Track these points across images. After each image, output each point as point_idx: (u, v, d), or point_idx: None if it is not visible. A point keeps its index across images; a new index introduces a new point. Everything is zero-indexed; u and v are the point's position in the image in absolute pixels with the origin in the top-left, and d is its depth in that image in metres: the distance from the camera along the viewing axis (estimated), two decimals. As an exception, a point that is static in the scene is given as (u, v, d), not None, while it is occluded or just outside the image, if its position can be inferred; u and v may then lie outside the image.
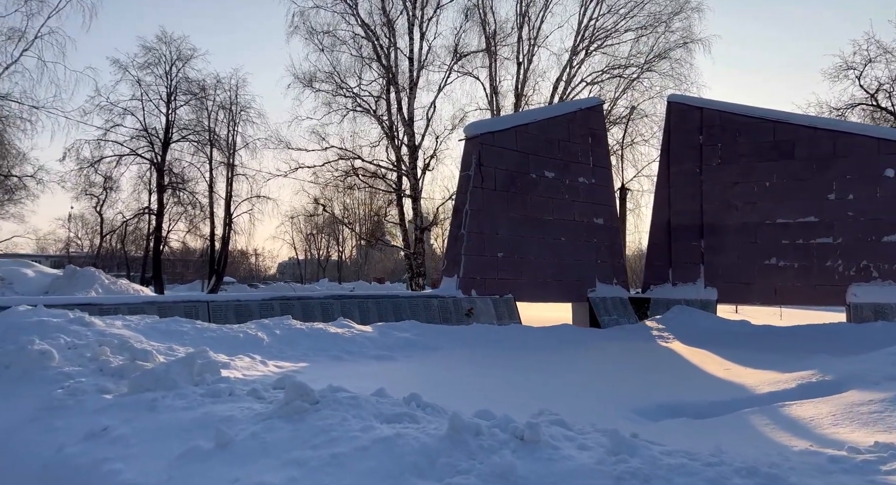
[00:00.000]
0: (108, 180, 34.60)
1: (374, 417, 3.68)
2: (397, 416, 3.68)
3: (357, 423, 3.53)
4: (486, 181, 14.05)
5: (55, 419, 4.09)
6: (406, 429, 3.30)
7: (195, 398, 4.29)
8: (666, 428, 4.00)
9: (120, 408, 4.22)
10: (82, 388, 4.49)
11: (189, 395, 4.38)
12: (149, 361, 5.11)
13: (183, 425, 3.86)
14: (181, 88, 34.11)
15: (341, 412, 3.71)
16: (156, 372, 4.57)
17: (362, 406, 3.80)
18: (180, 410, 4.09)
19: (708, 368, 7.28)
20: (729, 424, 4.08)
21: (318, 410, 3.78)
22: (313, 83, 21.19)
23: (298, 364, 6.97)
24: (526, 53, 22.14)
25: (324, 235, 70.13)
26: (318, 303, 11.45)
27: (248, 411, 3.98)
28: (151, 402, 4.22)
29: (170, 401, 4.25)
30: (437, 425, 3.35)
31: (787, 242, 14.02)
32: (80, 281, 13.56)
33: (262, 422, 3.72)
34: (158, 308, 9.40)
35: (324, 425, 3.53)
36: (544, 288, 14.70)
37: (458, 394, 5.23)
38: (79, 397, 4.34)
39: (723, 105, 15.23)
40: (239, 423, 3.77)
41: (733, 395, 5.15)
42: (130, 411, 4.14)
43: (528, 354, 8.68)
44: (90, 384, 4.57)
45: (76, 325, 5.93)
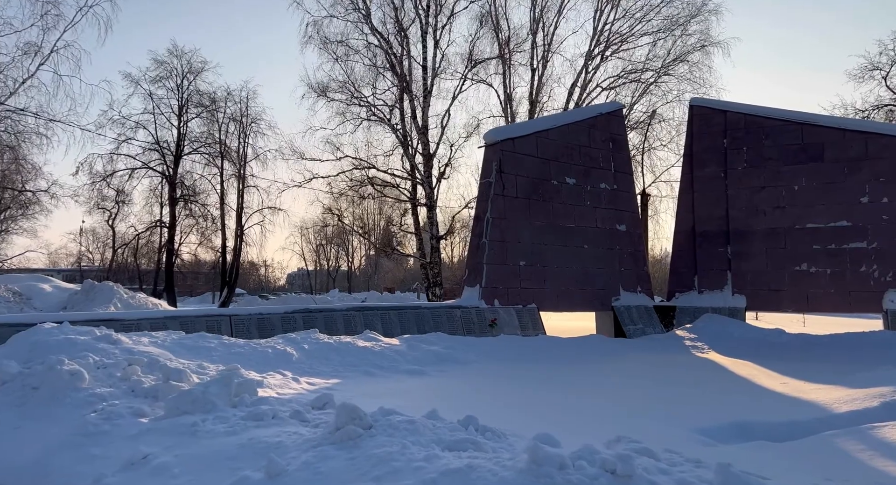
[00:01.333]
0: (120, 194, 34.69)
1: (434, 443, 3.39)
2: (458, 442, 3.40)
3: (418, 451, 3.25)
4: (506, 188, 13.80)
5: (91, 446, 3.84)
6: (476, 459, 3.02)
7: (237, 422, 4.03)
8: (746, 453, 3.67)
9: (158, 433, 3.97)
10: (117, 411, 4.25)
11: (230, 418, 4.12)
12: (183, 382, 4.86)
13: (228, 452, 3.60)
14: (192, 101, 34.23)
15: (398, 438, 3.43)
16: (193, 393, 4.32)
17: (420, 431, 3.52)
18: (223, 435, 3.83)
19: (762, 382, 6.93)
20: (817, 449, 3.72)
21: (372, 435, 3.50)
22: (327, 93, 21.09)
23: (330, 381, 6.71)
24: (540, 59, 21.97)
25: (333, 245, 70.19)
26: (341, 315, 11.21)
27: (296, 436, 3.71)
28: (192, 426, 3.96)
29: (210, 425, 3.99)
30: (510, 454, 3.06)
31: (818, 248, 13.65)
32: (98, 296, 13.38)
33: (312, 449, 3.45)
34: (181, 323, 9.20)
35: (382, 453, 3.25)
36: (568, 297, 14.39)
37: (506, 414, 4.93)
38: (114, 422, 4.09)
39: (747, 108, 14.92)
40: (288, 450, 3.50)
41: (809, 414, 4.78)
42: (170, 437, 3.88)
43: (562, 367, 8.36)
44: (124, 407, 4.33)
45: (103, 343, 5.70)
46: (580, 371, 8.00)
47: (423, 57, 21.52)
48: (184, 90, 34.00)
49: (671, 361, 8.93)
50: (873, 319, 19.83)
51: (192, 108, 34.32)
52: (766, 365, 8.23)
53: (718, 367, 8.38)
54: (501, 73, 22.04)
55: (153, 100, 33.08)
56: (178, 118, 34.00)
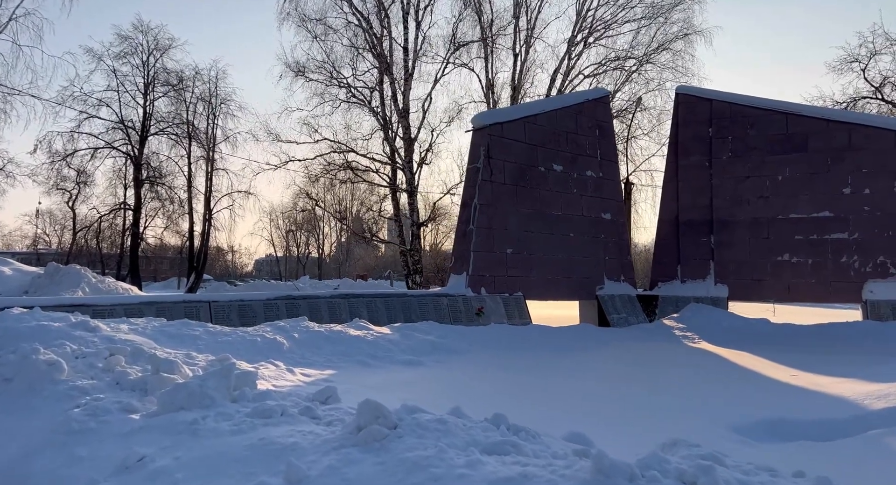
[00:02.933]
0: (82, 174, 33.26)
1: (471, 446, 3.07)
2: (497, 445, 3.08)
3: (456, 455, 2.93)
4: (494, 174, 13.50)
5: (77, 446, 3.42)
6: (527, 467, 2.71)
7: (242, 419, 3.65)
8: (796, 455, 3.45)
9: (153, 431, 3.56)
10: (103, 406, 3.82)
11: (233, 415, 3.73)
12: (175, 373, 4.43)
13: (236, 454, 3.22)
14: (159, 79, 32.93)
15: (430, 440, 3.11)
16: (189, 387, 3.91)
17: (453, 432, 3.19)
18: (228, 434, 3.45)
19: (771, 373, 6.82)
20: (870, 450, 3.51)
21: (399, 436, 3.17)
22: (305, 72, 20.38)
23: (325, 372, 6.35)
24: (523, 44, 21.65)
25: (303, 231, 69.00)
26: (326, 302, 10.81)
27: (312, 436, 3.35)
28: (191, 424, 3.56)
29: (212, 423, 3.60)
30: (564, 461, 2.76)
31: (800, 238, 13.75)
32: (64, 280, 12.60)
33: (334, 452, 3.10)
34: (157, 309, 8.68)
35: (415, 457, 2.92)
36: (553, 286, 14.23)
37: (522, 409, 4.65)
38: (101, 418, 3.67)
39: (733, 97, 14.90)
40: (306, 452, 3.14)
41: (843, 412, 4.57)
42: (167, 436, 3.48)
43: (560, 357, 8.16)
44: (111, 402, 3.90)
45: (80, 330, 5.21)
46: (579, 361, 7.81)
47: (403, 38, 20.98)
48: (150, 67, 32.67)
49: (668, 351, 8.82)
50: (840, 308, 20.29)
51: (159, 86, 33.04)
52: (765, 356, 8.17)
53: (718, 357, 8.29)
54: (483, 58, 21.67)
55: (117, 77, 31.73)
56: (143, 97, 32.69)
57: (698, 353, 8.84)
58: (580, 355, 8.21)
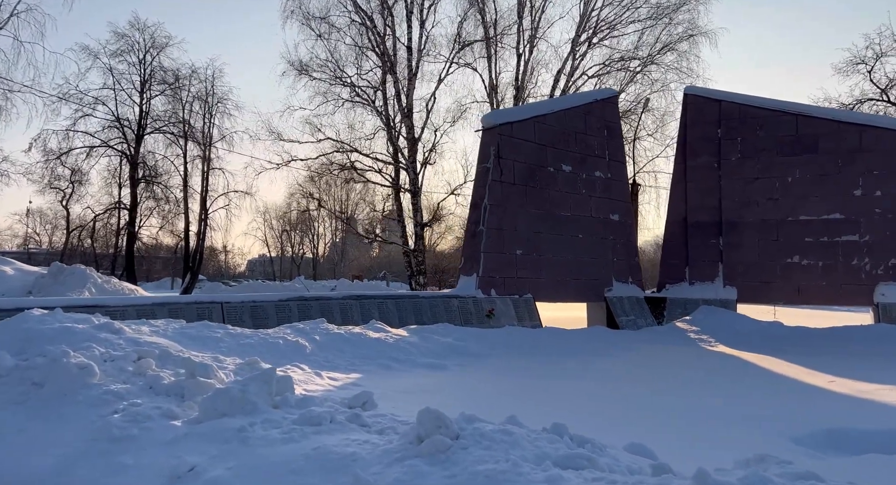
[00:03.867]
0: (76, 173, 32.86)
1: (544, 459, 2.92)
2: (570, 458, 2.92)
3: (533, 470, 2.77)
4: (504, 174, 13.37)
5: (121, 454, 3.24)
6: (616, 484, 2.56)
7: (291, 427, 3.48)
8: (872, 470, 3.30)
9: (199, 439, 3.39)
10: (143, 412, 3.64)
11: (280, 422, 3.57)
12: (210, 377, 4.26)
13: (292, 464, 3.06)
14: (155, 78, 32.57)
15: (499, 452, 2.95)
16: (231, 392, 3.74)
17: (520, 443, 3.03)
18: (280, 443, 3.28)
19: (807, 379, 6.69)
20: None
21: (464, 447, 3.01)
22: (309, 71, 20.16)
23: (351, 375, 6.19)
24: (526, 44, 21.53)
25: (298, 231, 68.59)
26: (338, 304, 10.65)
27: (369, 445, 3.19)
28: (239, 432, 3.39)
29: (261, 430, 3.44)
30: (659, 480, 2.62)
31: (810, 240, 13.71)
32: (68, 280, 12.32)
33: (398, 464, 2.94)
34: (170, 310, 8.49)
35: (487, 471, 2.76)
36: (562, 287, 14.11)
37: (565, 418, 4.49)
38: (143, 425, 3.49)
39: (742, 98, 14.85)
40: (368, 464, 2.98)
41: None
42: (214, 444, 3.31)
43: (583, 361, 8.03)
44: (150, 407, 3.72)
45: (105, 332, 5.02)
46: (604, 366, 7.68)
47: (407, 37, 20.82)
48: (146, 65, 32.32)
49: (690, 355, 8.71)
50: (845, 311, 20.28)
51: (156, 84, 32.69)
52: (790, 359, 8.07)
53: (744, 362, 8.15)
54: (487, 58, 21.52)
55: (113, 75, 31.36)
56: (139, 95, 32.33)
57: (721, 357, 8.72)
58: (603, 360, 8.08)
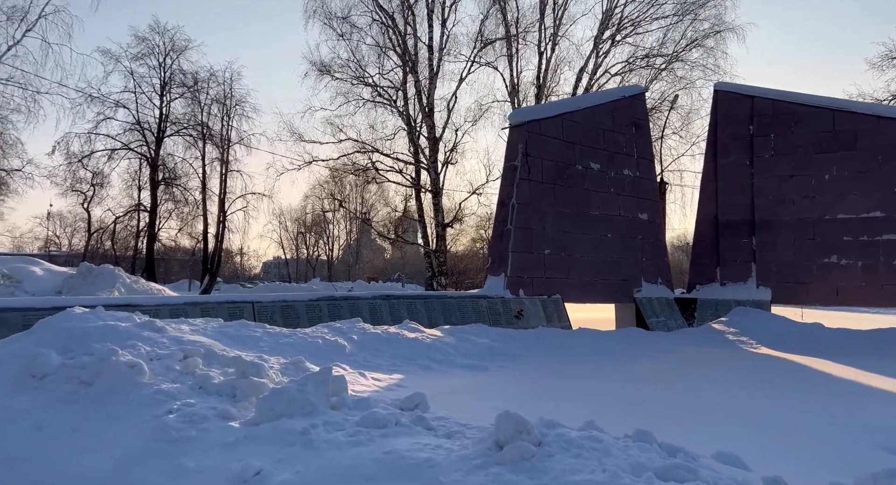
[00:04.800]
0: (97, 176, 33.08)
1: (643, 470, 2.69)
2: (670, 470, 2.69)
3: (635, 482, 2.55)
4: (532, 172, 13.14)
5: (181, 456, 3.06)
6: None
7: (355, 429, 3.28)
8: None
9: (259, 441, 3.20)
10: (197, 412, 3.47)
11: (343, 423, 3.37)
12: (262, 377, 4.08)
13: (363, 469, 2.86)
14: (175, 81, 32.76)
15: (591, 461, 2.72)
16: (288, 392, 3.56)
17: (610, 452, 2.81)
18: (347, 446, 3.09)
19: (873, 383, 6.38)
20: None
21: (549, 455, 2.79)
22: (331, 71, 20.07)
23: (393, 376, 5.99)
24: (548, 42, 21.28)
25: (313, 233, 68.74)
26: (367, 303, 10.49)
27: (444, 451, 2.98)
28: (302, 434, 3.20)
29: (324, 433, 3.24)
30: None
31: (849, 239, 13.32)
32: (98, 280, 12.27)
33: (479, 471, 2.73)
34: (202, 309, 8.38)
35: (583, 482, 2.53)
36: (591, 288, 13.83)
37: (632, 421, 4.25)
38: (200, 426, 3.31)
39: (776, 93, 14.49)
40: (446, 470, 2.77)
41: None
42: (277, 447, 3.12)
43: (627, 363, 7.77)
44: (205, 408, 3.55)
45: (148, 330, 4.87)
46: (651, 368, 7.41)
47: (428, 36, 20.65)
48: (166, 69, 32.52)
49: (736, 357, 8.40)
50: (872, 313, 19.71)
51: (175, 87, 32.88)
52: (846, 363, 7.74)
53: (797, 365, 7.79)
54: (508, 56, 21.31)
55: (134, 78, 31.57)
56: (160, 98, 32.52)
57: (769, 360, 8.40)
58: (647, 362, 7.81)
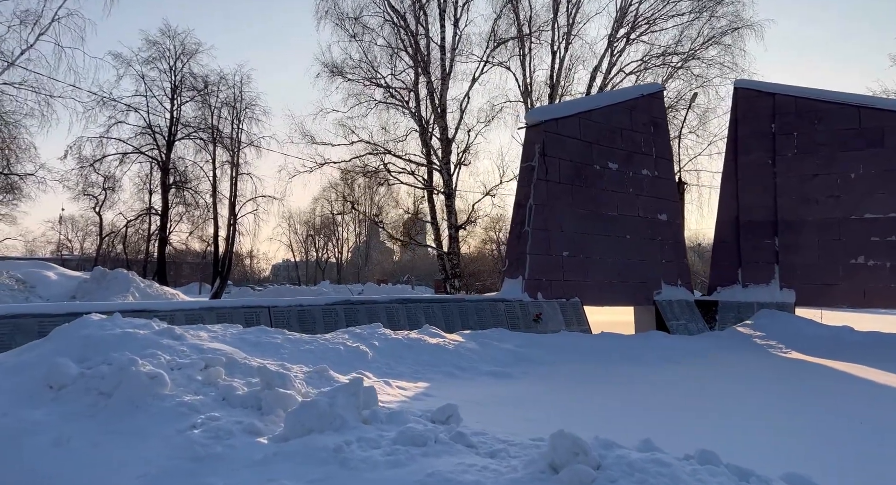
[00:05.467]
0: (109, 180, 33.14)
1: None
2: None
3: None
4: (549, 173, 12.89)
5: (209, 475, 2.86)
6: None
7: (392, 447, 3.06)
8: None
9: (291, 459, 2.99)
10: (223, 427, 3.26)
11: (378, 440, 3.15)
12: (288, 388, 3.88)
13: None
14: (185, 84, 32.80)
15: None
16: (318, 406, 3.34)
17: (680, 478, 2.57)
18: (385, 466, 2.87)
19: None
20: None
21: (612, 480, 2.55)
22: (343, 72, 19.91)
23: (419, 384, 5.78)
24: (561, 41, 21.03)
25: (322, 235, 68.76)
26: (384, 308, 10.29)
27: (492, 473, 2.75)
28: (335, 452, 2.99)
29: (360, 451, 3.03)
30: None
31: (876, 239, 12.97)
32: (112, 285, 12.14)
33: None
34: (218, 315, 8.21)
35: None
36: (610, 290, 13.55)
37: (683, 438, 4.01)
38: (226, 442, 3.11)
39: (798, 90, 14.17)
40: (498, 496, 2.55)
41: None
42: (311, 466, 2.91)
43: (656, 369, 7.51)
44: (231, 422, 3.34)
45: (167, 338, 4.68)
46: (686, 376, 7.14)
47: (440, 37, 20.46)
48: (177, 72, 32.56)
49: (771, 364, 8.10)
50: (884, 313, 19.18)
51: (186, 91, 32.91)
52: (887, 368, 7.43)
53: (842, 373, 7.42)
54: (521, 56, 21.08)
55: (145, 82, 31.62)
56: (170, 101, 32.56)
57: (811, 366, 8.01)
58: (678, 368, 7.55)
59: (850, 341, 10.06)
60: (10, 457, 3.02)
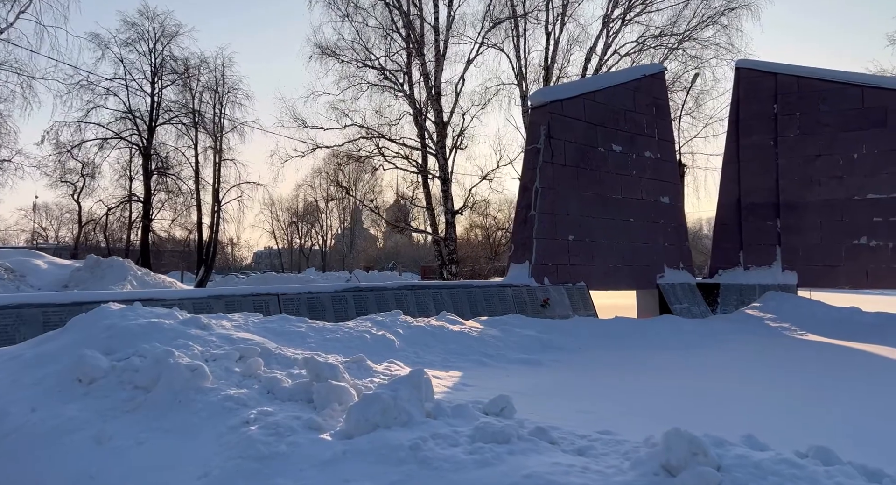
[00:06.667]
0: (87, 166, 32.16)
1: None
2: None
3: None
4: (555, 155, 12.65)
5: (276, 477, 2.59)
6: None
7: (474, 444, 2.80)
8: None
9: (363, 458, 2.72)
10: (282, 423, 2.98)
11: (455, 437, 2.90)
12: (339, 380, 3.60)
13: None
14: (166, 68, 31.83)
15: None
16: (382, 400, 3.07)
17: (818, 481, 2.34)
18: (474, 466, 2.61)
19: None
20: None
21: (740, 484, 2.33)
22: (336, 53, 19.36)
23: (451, 373, 5.53)
24: (555, 22, 20.70)
25: (305, 222, 67.95)
26: (393, 294, 10.03)
27: (594, 474, 2.50)
28: (412, 451, 2.72)
29: (438, 448, 2.77)
30: None
31: (879, 220, 12.98)
32: (108, 273, 11.63)
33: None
34: (226, 303, 7.88)
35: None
36: (614, 274, 13.43)
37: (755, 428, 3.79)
38: (288, 439, 2.83)
39: (800, 70, 14.06)
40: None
41: None
42: (387, 466, 2.65)
43: (683, 354, 7.36)
44: (288, 417, 3.06)
45: (193, 327, 4.35)
46: (713, 359, 7.00)
47: (434, 17, 20.01)
48: (157, 55, 31.56)
49: (797, 347, 7.98)
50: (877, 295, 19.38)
51: (166, 74, 31.95)
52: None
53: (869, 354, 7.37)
54: (514, 37, 20.70)
55: (124, 65, 30.60)
56: (151, 85, 31.58)
57: (838, 349, 7.90)
58: (705, 353, 7.39)
59: (862, 322, 10.05)
60: (50, 456, 2.71)
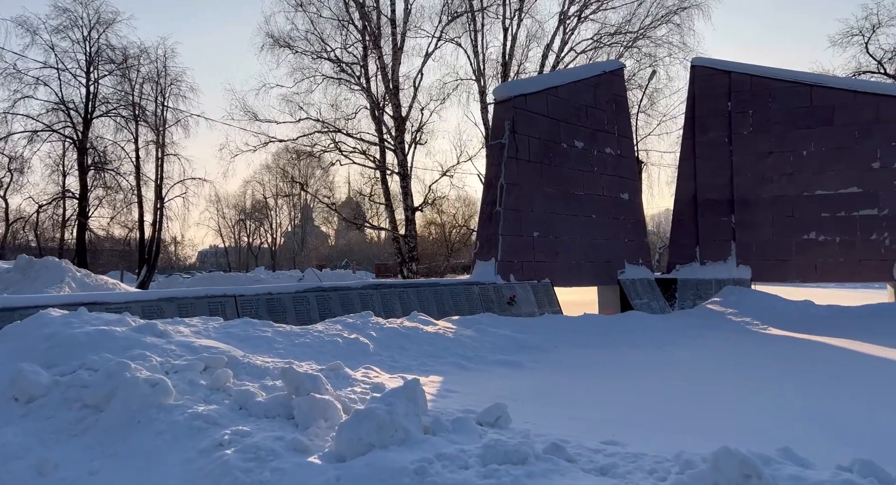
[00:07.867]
0: (14, 161, 30.09)
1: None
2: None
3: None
4: (520, 151, 12.49)
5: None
6: None
7: (482, 466, 2.50)
8: None
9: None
10: (261, 444, 2.60)
11: (463, 457, 2.58)
12: (321, 392, 3.22)
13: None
14: (102, 57, 30.09)
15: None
16: (376, 415, 2.73)
17: None
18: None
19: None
20: None
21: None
22: (290, 44, 18.63)
23: (431, 378, 5.21)
24: (513, 17, 20.60)
25: (253, 220, 66.00)
26: (357, 294, 9.62)
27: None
28: (419, 475, 2.40)
29: (447, 472, 2.45)
30: None
31: (827, 215, 13.41)
32: (42, 275, 10.66)
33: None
34: (178, 305, 7.30)
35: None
36: (577, 271, 13.40)
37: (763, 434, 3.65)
38: (271, 464, 2.46)
39: (754, 68, 14.37)
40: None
41: None
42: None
43: (660, 352, 7.26)
44: (267, 437, 2.68)
45: (150, 335, 3.86)
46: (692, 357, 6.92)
47: (391, 10, 19.55)
48: (92, 43, 29.78)
49: (765, 343, 8.01)
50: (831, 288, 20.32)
51: (103, 64, 30.20)
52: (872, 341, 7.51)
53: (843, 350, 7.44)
54: (472, 32, 20.50)
55: (55, 53, 28.71)
56: (86, 75, 29.78)
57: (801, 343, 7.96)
58: (681, 350, 7.30)
59: (817, 315, 10.30)
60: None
